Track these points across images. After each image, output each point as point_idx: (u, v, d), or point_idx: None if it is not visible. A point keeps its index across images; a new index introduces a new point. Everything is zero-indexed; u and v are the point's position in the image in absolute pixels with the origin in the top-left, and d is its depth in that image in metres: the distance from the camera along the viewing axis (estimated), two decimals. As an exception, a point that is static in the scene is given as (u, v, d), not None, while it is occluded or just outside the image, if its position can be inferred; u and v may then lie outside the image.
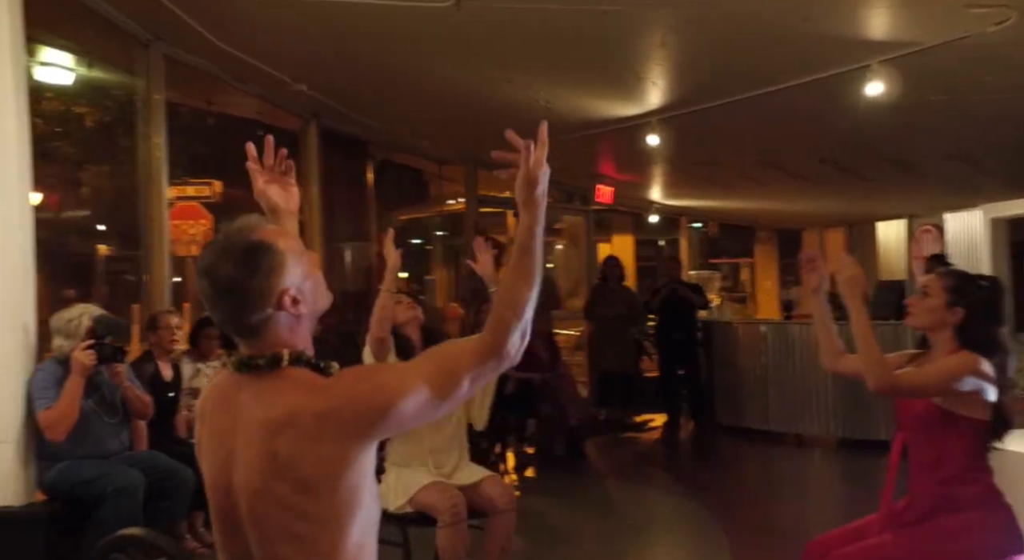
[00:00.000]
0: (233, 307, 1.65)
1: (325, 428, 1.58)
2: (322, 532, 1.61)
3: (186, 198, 10.59)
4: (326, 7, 5.12)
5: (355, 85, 6.92)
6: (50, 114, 11.58)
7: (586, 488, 6.61)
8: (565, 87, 6.46)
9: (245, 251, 1.64)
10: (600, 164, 9.90)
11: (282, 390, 1.63)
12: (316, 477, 1.58)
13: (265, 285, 1.64)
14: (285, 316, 1.67)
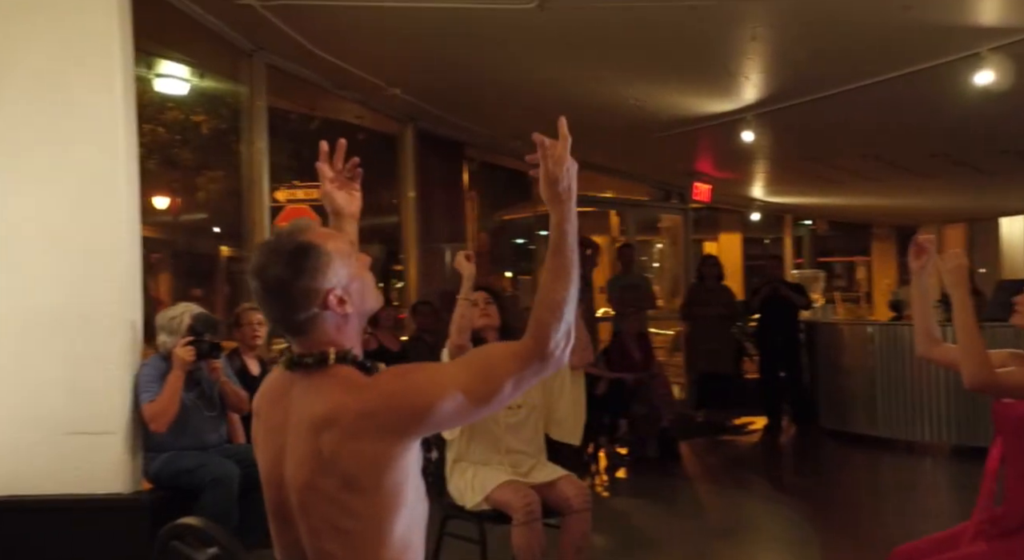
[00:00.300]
0: (281, 306, 1.72)
1: (366, 426, 1.63)
2: (366, 528, 1.66)
3: (296, 201, 10.95)
4: (415, 13, 5.24)
5: (448, 88, 7.03)
6: (171, 123, 12.25)
7: (677, 490, 6.53)
8: (654, 84, 6.41)
9: (292, 252, 1.71)
10: (697, 161, 9.76)
11: (328, 388, 1.69)
12: (359, 474, 1.63)
13: (311, 285, 1.70)
14: (332, 315, 1.72)
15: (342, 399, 1.66)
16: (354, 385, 1.69)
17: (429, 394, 1.65)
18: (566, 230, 1.72)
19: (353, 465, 1.63)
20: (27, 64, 4.11)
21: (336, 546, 1.67)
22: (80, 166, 4.09)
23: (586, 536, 3.45)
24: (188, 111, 11.51)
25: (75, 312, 4.04)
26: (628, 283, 9.11)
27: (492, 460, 3.54)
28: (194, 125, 11.67)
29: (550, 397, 3.71)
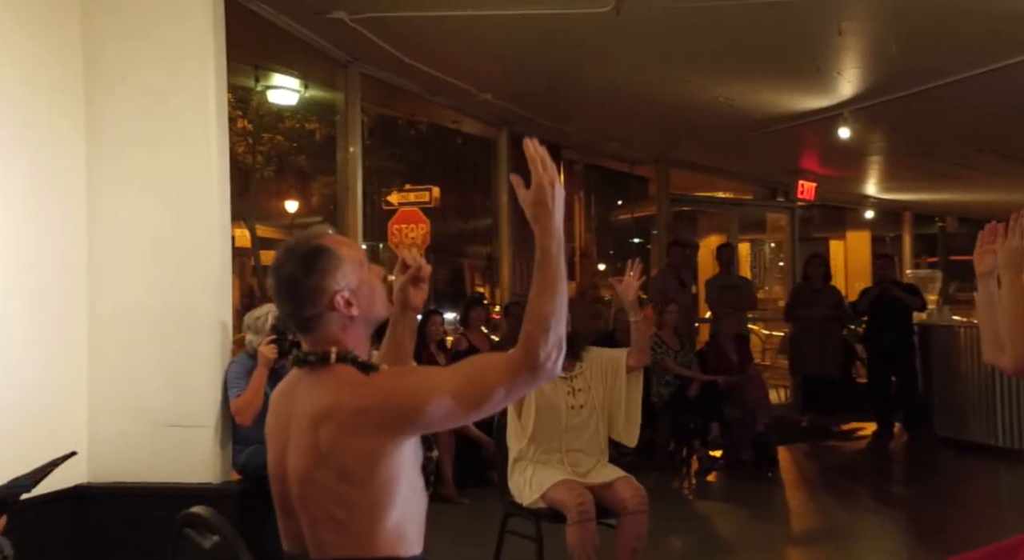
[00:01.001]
0: (292, 302, 1.84)
1: (361, 422, 1.74)
2: (360, 518, 1.76)
3: (408, 204, 11.28)
4: (498, 21, 5.36)
5: (539, 92, 7.13)
6: (288, 131, 12.86)
7: (767, 495, 6.39)
8: (742, 83, 6.31)
9: (306, 253, 1.84)
10: (801, 159, 9.50)
11: (327, 384, 1.81)
12: (353, 466, 1.74)
13: (320, 284, 1.82)
14: (338, 316, 1.84)
15: (340, 395, 1.77)
16: (352, 382, 1.80)
17: (420, 396, 1.74)
18: (549, 246, 1.76)
19: (347, 458, 1.74)
20: (133, 79, 4.44)
21: (332, 536, 1.78)
22: (176, 175, 4.40)
23: (641, 538, 3.47)
24: (302, 120, 12.05)
25: (172, 313, 4.35)
26: (727, 284, 8.96)
27: (552, 459, 3.60)
28: (308, 133, 12.21)
29: (609, 399, 3.75)
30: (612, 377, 3.73)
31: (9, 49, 4.06)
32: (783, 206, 10.75)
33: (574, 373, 3.70)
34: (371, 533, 1.77)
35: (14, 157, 4.08)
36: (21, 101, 4.12)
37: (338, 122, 6.86)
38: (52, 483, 4.30)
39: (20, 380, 4.07)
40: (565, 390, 3.64)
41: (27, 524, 4.23)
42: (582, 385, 3.68)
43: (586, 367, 3.75)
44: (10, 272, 4.04)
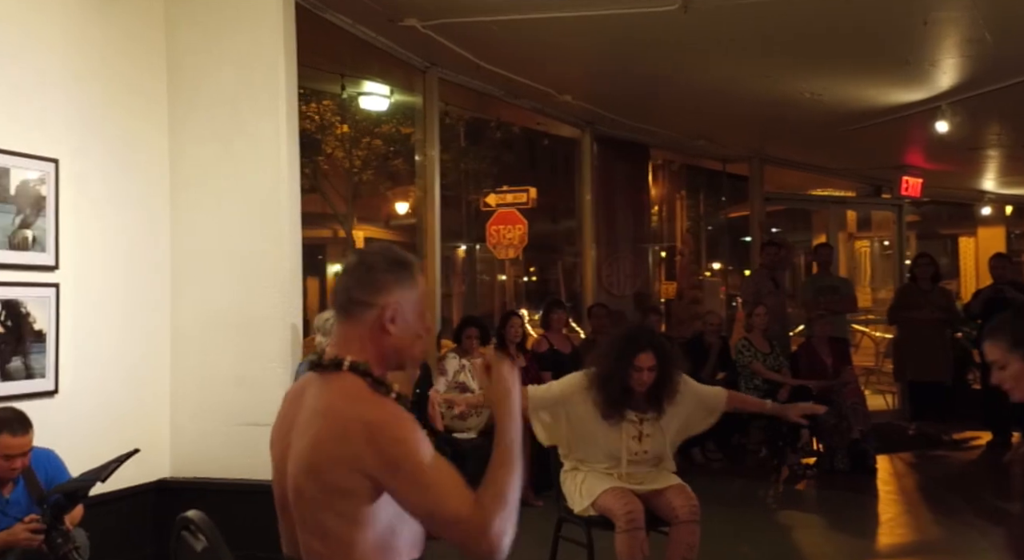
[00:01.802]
0: (355, 280, 1.90)
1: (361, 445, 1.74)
2: (343, 529, 1.77)
3: (506, 205, 11.37)
4: (571, 23, 5.33)
5: (619, 92, 7.06)
6: (386, 135, 13.15)
7: (857, 506, 6.11)
8: (826, 77, 6.06)
9: (398, 259, 1.93)
10: (904, 154, 9.05)
11: (332, 391, 1.84)
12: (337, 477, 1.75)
13: (386, 285, 1.88)
14: (377, 321, 1.87)
15: (337, 404, 1.80)
16: (355, 396, 1.82)
17: (407, 467, 1.73)
18: (509, 428, 1.84)
19: (329, 462, 1.76)
20: (209, 93, 4.65)
21: (318, 544, 1.80)
22: (249, 184, 4.57)
23: (693, 547, 3.38)
24: (397, 124, 12.29)
25: (245, 315, 4.52)
26: (825, 285, 8.62)
27: (605, 470, 3.54)
28: (404, 136, 12.45)
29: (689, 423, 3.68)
30: (704, 412, 3.65)
31: (100, 62, 4.30)
32: (889, 203, 10.27)
33: (647, 417, 3.56)
34: (352, 544, 1.78)
35: (106, 169, 4.32)
36: (112, 115, 4.36)
37: (417, 126, 6.98)
38: (139, 476, 4.58)
39: (112, 381, 4.31)
40: (631, 434, 3.53)
41: (117, 514, 4.52)
42: (652, 431, 3.56)
43: (668, 414, 3.57)
44: (107, 281, 4.29)
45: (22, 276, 3.84)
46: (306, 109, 11.82)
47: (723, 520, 5.44)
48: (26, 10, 3.95)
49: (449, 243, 16.28)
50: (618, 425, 3.52)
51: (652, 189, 14.51)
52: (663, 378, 3.49)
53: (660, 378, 3.49)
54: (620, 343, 3.55)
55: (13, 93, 3.87)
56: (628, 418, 3.52)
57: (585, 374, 3.58)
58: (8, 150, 3.80)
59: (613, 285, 9.22)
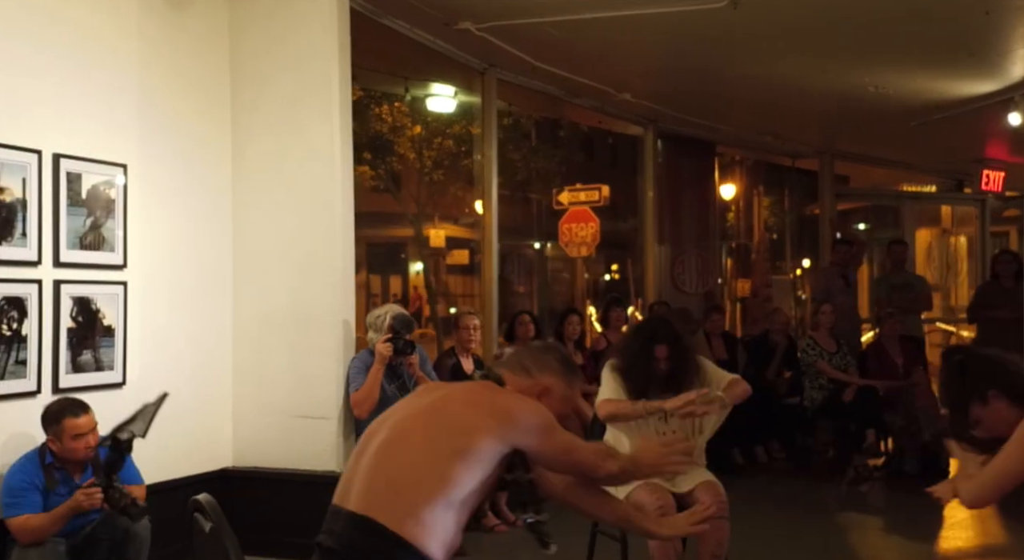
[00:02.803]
0: (534, 354, 2.52)
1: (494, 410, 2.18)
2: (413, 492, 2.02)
3: (578, 203, 11.43)
4: (625, 22, 5.36)
5: (679, 90, 7.04)
6: (457, 136, 13.34)
7: (926, 509, 5.89)
8: (889, 70, 5.93)
9: (572, 364, 2.58)
10: (985, 147, 8.74)
11: (498, 389, 2.34)
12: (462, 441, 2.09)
13: (553, 370, 2.46)
14: (530, 391, 2.39)
15: (498, 392, 2.30)
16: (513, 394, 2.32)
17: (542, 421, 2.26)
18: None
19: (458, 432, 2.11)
20: (268, 96, 4.85)
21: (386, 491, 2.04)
22: (304, 185, 4.75)
23: (722, 544, 3.39)
24: (467, 124, 12.45)
25: (300, 312, 4.70)
26: (899, 283, 8.40)
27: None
28: (473, 137, 12.63)
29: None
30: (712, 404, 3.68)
31: (168, 69, 4.54)
32: (971, 198, 9.93)
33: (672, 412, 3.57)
34: (412, 511, 1.97)
35: (173, 172, 4.56)
36: (178, 120, 4.59)
37: (476, 127, 7.10)
38: (203, 465, 4.82)
39: (177, 374, 4.53)
40: (660, 431, 3.59)
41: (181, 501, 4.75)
42: (679, 426, 3.60)
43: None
44: (173, 279, 4.53)
45: (93, 275, 4.10)
46: (379, 112, 12.12)
47: (778, 520, 5.41)
48: (96, 19, 4.19)
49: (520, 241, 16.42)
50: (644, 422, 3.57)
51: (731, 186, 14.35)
52: (680, 362, 3.64)
53: (677, 363, 3.64)
54: (637, 337, 3.79)
55: (87, 102, 4.13)
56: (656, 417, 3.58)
57: (608, 367, 3.71)
58: (81, 156, 4.05)
59: (685, 283, 9.18)
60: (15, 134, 3.77)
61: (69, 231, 3.97)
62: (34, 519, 3.40)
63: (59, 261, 3.92)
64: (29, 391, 3.78)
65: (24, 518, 3.40)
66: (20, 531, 3.40)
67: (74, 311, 3.99)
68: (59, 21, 4.01)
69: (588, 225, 10.96)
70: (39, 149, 3.86)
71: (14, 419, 3.69)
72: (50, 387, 3.86)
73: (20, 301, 3.75)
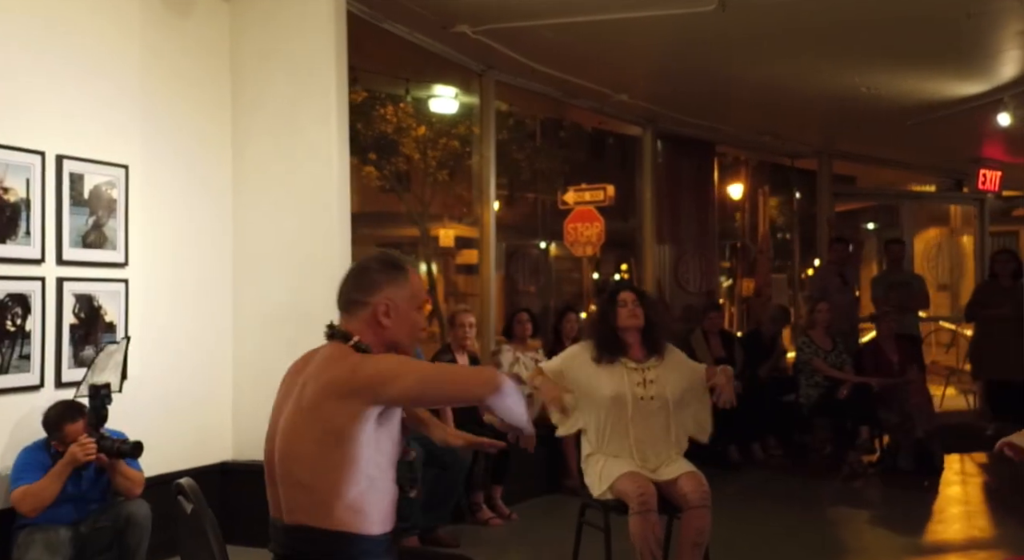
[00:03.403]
0: (352, 282, 2.23)
1: (339, 389, 2.04)
2: (322, 486, 2.02)
3: (583, 203, 11.51)
4: (619, 24, 5.45)
5: (675, 90, 7.13)
6: (462, 136, 13.44)
7: (916, 503, 6.01)
8: (880, 71, 6.00)
9: (390, 261, 2.25)
10: (982, 147, 8.79)
11: (333, 359, 2.13)
12: (324, 430, 2.03)
13: (380, 283, 2.19)
14: (373, 316, 2.16)
15: (335, 367, 2.10)
16: (347, 360, 2.10)
17: (391, 373, 2.06)
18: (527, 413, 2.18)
19: (324, 419, 2.03)
20: (268, 99, 4.96)
21: (301, 497, 2.04)
22: (302, 186, 4.86)
23: (703, 532, 3.49)
24: (470, 125, 12.56)
25: (299, 310, 4.81)
26: (897, 281, 8.47)
27: (623, 453, 3.69)
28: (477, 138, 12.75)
29: (692, 396, 3.80)
30: (688, 381, 3.80)
31: (170, 72, 4.66)
32: (969, 198, 9.97)
33: (647, 365, 3.76)
34: (330, 503, 2.01)
35: (174, 172, 4.68)
36: (180, 121, 4.72)
37: (474, 128, 7.20)
38: (204, 458, 4.94)
39: (178, 370, 4.67)
40: (636, 380, 3.71)
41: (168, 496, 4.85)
42: (655, 377, 3.73)
43: (667, 363, 3.80)
44: (174, 277, 4.65)
45: (95, 272, 4.22)
46: (383, 112, 12.23)
47: (773, 517, 5.49)
48: (99, 23, 4.31)
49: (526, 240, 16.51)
50: (619, 370, 3.70)
51: (737, 186, 14.38)
52: (650, 322, 3.79)
53: (648, 322, 3.78)
54: (604, 297, 3.98)
55: (90, 105, 4.25)
56: (628, 365, 3.72)
57: (581, 343, 3.90)
58: (83, 157, 4.18)
59: (689, 282, 9.26)
60: (19, 136, 3.90)
61: (72, 230, 4.10)
62: (32, 486, 3.49)
63: (62, 259, 4.05)
64: (33, 385, 3.91)
65: (23, 487, 3.50)
66: (21, 500, 3.49)
67: (76, 308, 4.12)
68: (61, 27, 4.14)
69: (593, 225, 11.04)
70: (42, 150, 3.99)
71: (18, 412, 3.82)
72: (53, 381, 3.99)
73: (24, 298, 3.88)
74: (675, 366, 3.82)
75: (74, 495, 3.61)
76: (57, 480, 3.48)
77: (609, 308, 3.85)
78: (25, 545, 3.50)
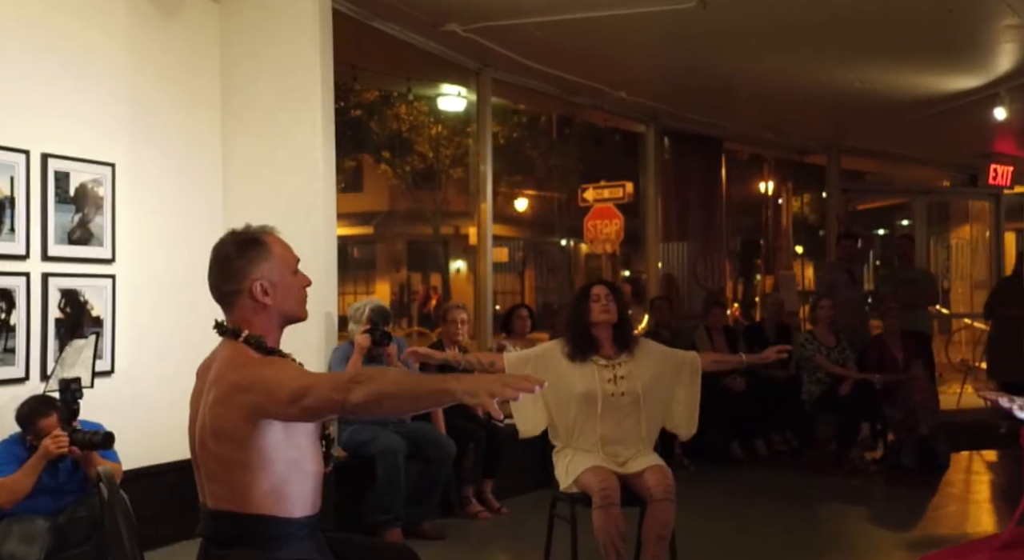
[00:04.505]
0: (218, 276, 2.16)
1: (234, 395, 2.03)
2: (236, 477, 2.05)
3: (603, 200, 11.51)
4: (604, 22, 5.47)
5: (673, 86, 7.12)
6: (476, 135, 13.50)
7: (912, 500, 5.94)
8: (870, 66, 5.95)
9: (244, 240, 2.18)
10: (993, 142, 8.66)
11: (226, 359, 2.12)
12: (224, 430, 2.04)
13: (245, 267, 2.13)
14: (252, 300, 2.14)
15: (229, 369, 2.08)
16: (243, 362, 2.09)
17: (271, 390, 1.98)
18: (453, 390, 1.84)
19: (221, 422, 2.04)
20: (256, 99, 5.06)
21: (219, 489, 2.08)
22: (289, 184, 4.95)
23: (667, 525, 3.49)
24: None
25: (285, 305, 4.89)
26: (906, 277, 8.37)
27: (593, 448, 3.70)
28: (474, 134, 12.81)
29: (666, 392, 3.81)
30: (672, 373, 3.81)
31: (158, 73, 4.76)
32: (984, 193, 9.82)
33: (618, 361, 3.76)
34: (247, 491, 2.05)
35: (163, 170, 4.79)
36: (170, 121, 4.82)
37: (463, 124, 7.24)
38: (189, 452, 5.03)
39: (164, 363, 4.74)
40: (606, 377, 3.71)
41: (165, 484, 4.92)
42: (625, 373, 3.73)
43: (637, 358, 3.80)
44: (162, 273, 4.74)
45: (80, 268, 4.33)
46: (395, 112, 12.33)
47: (772, 514, 5.47)
48: (88, 26, 4.43)
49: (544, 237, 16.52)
50: (590, 368, 3.71)
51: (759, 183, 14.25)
52: (622, 318, 3.80)
53: (620, 319, 3.79)
54: (577, 291, 3.98)
55: (77, 106, 4.36)
56: (599, 363, 3.73)
57: (556, 339, 3.89)
58: (69, 156, 4.29)
59: (707, 279, 9.24)
60: (3, 135, 4.01)
61: (57, 227, 4.21)
62: (6, 479, 3.56)
63: (47, 255, 4.16)
64: (18, 377, 4.03)
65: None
66: None
67: (62, 302, 4.23)
68: (49, 28, 4.25)
69: (612, 222, 11.04)
70: (27, 149, 4.10)
71: (1, 404, 3.92)
72: (38, 374, 4.10)
73: (8, 293, 3.99)
74: (647, 359, 3.82)
75: (51, 486, 3.69)
76: (31, 473, 3.57)
77: (582, 303, 3.85)
78: (3, 536, 3.58)
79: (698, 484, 6.16)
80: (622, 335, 3.82)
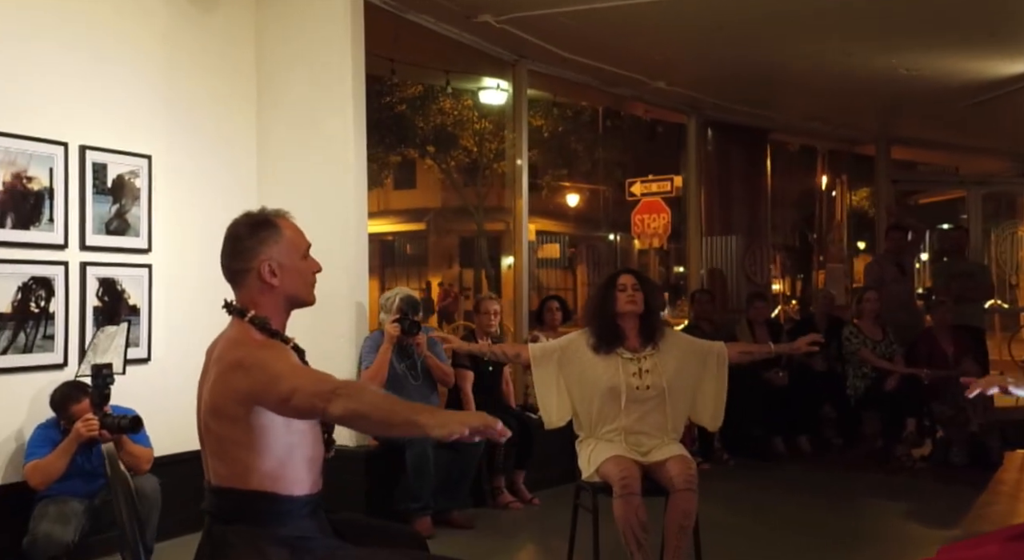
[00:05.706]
0: (229, 254, 2.21)
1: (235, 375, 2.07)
2: (236, 455, 2.08)
3: (650, 194, 11.44)
4: (638, 9, 5.41)
5: (714, 76, 7.01)
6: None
7: (958, 497, 5.78)
8: (916, 52, 5.77)
9: (257, 221, 2.22)
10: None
11: (232, 337, 2.16)
12: (224, 409, 2.08)
13: (255, 246, 2.18)
14: (260, 280, 2.18)
15: (232, 347, 2.13)
16: (245, 341, 2.12)
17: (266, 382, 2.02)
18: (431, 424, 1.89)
19: (222, 400, 2.08)
20: (290, 92, 5.13)
21: (220, 466, 2.12)
22: (321, 176, 5.00)
23: (689, 515, 3.45)
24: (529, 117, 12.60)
25: (317, 295, 4.93)
26: (959, 271, 8.13)
27: (616, 437, 3.68)
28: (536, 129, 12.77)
29: (693, 384, 3.77)
30: (698, 364, 3.77)
31: (194, 66, 4.86)
32: (1044, 183, 9.50)
33: (643, 354, 3.72)
34: (247, 469, 2.09)
35: (199, 162, 4.88)
36: (206, 113, 4.91)
37: (507, 118, 7.24)
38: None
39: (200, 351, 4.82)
40: (631, 371, 3.68)
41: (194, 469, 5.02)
42: (651, 367, 3.69)
43: (663, 350, 3.76)
44: (197, 262, 4.80)
45: (118, 257, 4.44)
46: (441, 105, 12.37)
47: (810, 509, 5.38)
48: (125, 20, 4.53)
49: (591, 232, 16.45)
50: (615, 361, 3.67)
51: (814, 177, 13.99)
52: (649, 309, 3.74)
53: (646, 309, 3.73)
54: (603, 280, 3.93)
55: (114, 98, 4.47)
56: (624, 356, 3.68)
57: (582, 329, 3.85)
58: (106, 148, 4.40)
59: (756, 274, 9.11)
60: (43, 128, 4.13)
61: (95, 217, 4.32)
62: (41, 460, 3.71)
63: (85, 245, 4.28)
64: (56, 364, 4.14)
65: (34, 462, 3.73)
66: (31, 474, 3.72)
67: (100, 291, 4.34)
68: (86, 22, 4.36)
69: (660, 216, 10.95)
70: (65, 141, 4.21)
71: (40, 389, 4.04)
72: (76, 360, 4.21)
73: (47, 281, 4.11)
74: (673, 351, 3.77)
75: (86, 470, 3.81)
76: (64, 455, 3.68)
77: (608, 292, 3.80)
78: (40, 516, 3.71)
79: (735, 478, 6.09)
80: (648, 327, 3.76)
